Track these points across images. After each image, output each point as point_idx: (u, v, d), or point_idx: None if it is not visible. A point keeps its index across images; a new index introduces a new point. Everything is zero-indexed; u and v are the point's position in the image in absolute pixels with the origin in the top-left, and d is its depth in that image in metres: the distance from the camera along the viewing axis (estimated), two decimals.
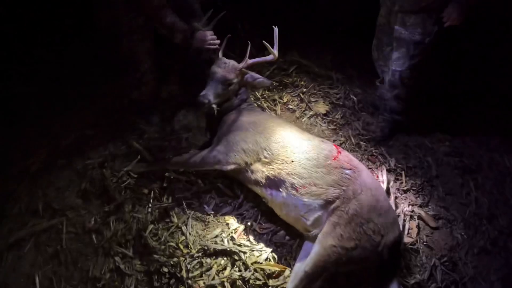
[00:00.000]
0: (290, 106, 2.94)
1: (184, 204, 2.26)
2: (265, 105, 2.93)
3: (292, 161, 2.04)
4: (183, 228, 2.16)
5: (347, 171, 2.01)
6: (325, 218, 1.94)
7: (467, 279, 2.15)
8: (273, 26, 2.35)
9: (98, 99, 2.95)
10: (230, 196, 2.33)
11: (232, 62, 2.36)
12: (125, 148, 2.56)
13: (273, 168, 2.08)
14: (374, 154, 2.66)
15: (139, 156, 2.45)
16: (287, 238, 2.13)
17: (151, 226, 2.15)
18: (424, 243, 2.25)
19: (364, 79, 3.32)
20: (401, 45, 2.54)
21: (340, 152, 2.10)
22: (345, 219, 1.89)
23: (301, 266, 1.87)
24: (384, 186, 2.42)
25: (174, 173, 2.38)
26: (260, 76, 2.42)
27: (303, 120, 2.85)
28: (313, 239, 1.96)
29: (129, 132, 2.69)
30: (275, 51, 2.31)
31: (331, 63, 3.42)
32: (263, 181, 2.10)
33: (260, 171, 2.12)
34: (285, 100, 2.98)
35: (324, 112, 2.91)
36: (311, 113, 2.90)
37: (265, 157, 2.12)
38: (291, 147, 2.10)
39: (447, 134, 2.84)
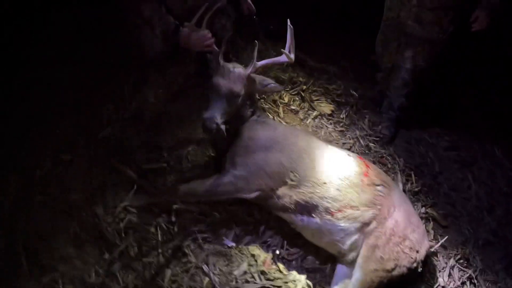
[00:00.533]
0: (292, 107, 2.80)
1: (200, 239, 1.96)
2: (265, 106, 2.76)
3: (325, 183, 1.91)
4: (204, 267, 1.86)
5: (379, 188, 1.97)
6: (362, 240, 1.90)
7: (478, 272, 2.28)
8: (288, 23, 2.01)
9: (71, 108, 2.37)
10: (250, 223, 2.08)
11: (237, 69, 1.97)
12: (114, 175, 2.11)
13: (303, 192, 1.90)
14: (384, 155, 2.67)
15: (135, 186, 2.05)
16: (317, 262, 2.03)
17: (168, 272, 1.83)
18: (440, 244, 2.33)
19: (359, 72, 3.28)
20: (414, 42, 2.48)
21: (368, 166, 2.05)
22: (384, 240, 1.87)
23: None
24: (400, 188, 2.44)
25: (183, 203, 2.04)
26: (270, 81, 2.10)
27: (308, 122, 2.74)
28: (347, 262, 1.92)
29: (112, 150, 2.22)
30: (292, 54, 2.04)
31: (324, 55, 3.31)
32: (292, 206, 1.93)
33: (288, 196, 1.92)
34: (286, 100, 2.84)
35: (329, 112, 2.83)
36: (315, 113, 2.80)
37: (292, 180, 1.92)
38: (320, 166, 1.95)
39: (443, 127, 2.91)
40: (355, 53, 3.43)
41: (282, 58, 2.06)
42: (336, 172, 1.94)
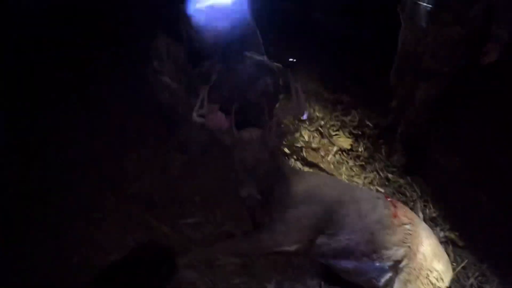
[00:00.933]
0: (313, 145, 3.01)
1: None
2: (287, 151, 2.92)
3: (360, 229, 2.13)
4: None
5: (407, 226, 2.19)
6: (395, 276, 2.12)
7: (494, 284, 2.50)
8: (295, 83, 2.18)
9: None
10: (289, 268, 2.20)
11: (254, 133, 2.10)
12: (150, 232, 2.20)
13: (340, 239, 2.08)
14: (402, 185, 2.89)
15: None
16: None
17: None
18: (460, 267, 2.55)
19: (370, 99, 3.48)
20: (428, 75, 2.65)
21: (395, 206, 2.27)
22: (414, 275, 2.11)
23: None
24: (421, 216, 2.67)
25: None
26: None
27: (329, 159, 2.96)
28: None
29: (144, 206, 2.33)
30: (305, 113, 2.26)
31: (332, 84, 3.50)
32: (331, 253, 2.10)
33: (326, 245, 2.10)
34: (306, 138, 3.05)
35: (348, 147, 3.05)
36: (335, 149, 3.03)
37: (329, 229, 2.10)
38: (355, 212, 2.15)
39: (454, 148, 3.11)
40: (365, 79, 3.64)
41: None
42: (369, 218, 2.16)
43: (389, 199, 2.33)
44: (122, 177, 2.48)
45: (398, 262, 2.13)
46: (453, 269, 2.42)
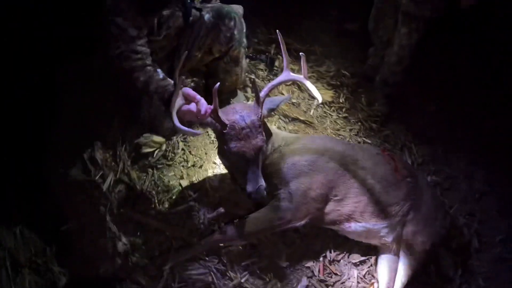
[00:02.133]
0: (293, 101, 2.80)
1: (257, 270, 1.98)
2: None
3: (367, 189, 2.02)
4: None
5: (409, 179, 2.14)
6: (402, 229, 2.10)
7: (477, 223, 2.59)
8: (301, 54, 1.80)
9: None
10: (297, 238, 2.11)
11: (248, 119, 1.72)
12: (142, 233, 1.97)
13: (348, 204, 1.99)
14: (387, 133, 2.83)
15: (172, 242, 1.96)
16: (362, 256, 2.16)
17: None
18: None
19: (341, 47, 3.30)
20: (409, 20, 2.55)
21: (394, 160, 2.19)
22: (421, 225, 2.09)
23: (394, 280, 2.05)
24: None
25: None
26: (278, 99, 1.96)
27: (312, 113, 2.77)
28: (391, 251, 2.11)
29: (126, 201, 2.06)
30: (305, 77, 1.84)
31: (305, 34, 3.26)
32: (341, 218, 2.01)
33: (335, 211, 2.00)
34: (285, 93, 2.82)
35: (329, 99, 2.88)
36: (316, 102, 2.83)
37: (337, 196, 1.99)
38: (359, 174, 2.03)
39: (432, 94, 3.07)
40: (334, 28, 3.44)
41: (284, 77, 1.87)
42: (373, 176, 2.06)
43: (386, 153, 2.25)
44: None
45: (405, 215, 2.09)
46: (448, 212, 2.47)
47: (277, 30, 1.81)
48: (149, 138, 2.27)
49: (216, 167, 2.30)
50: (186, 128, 1.69)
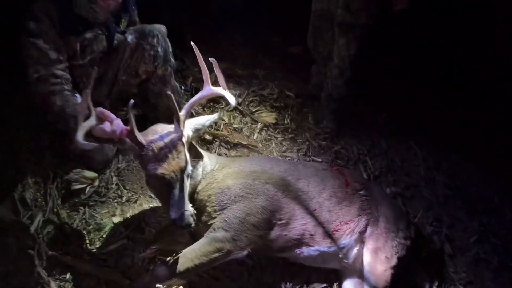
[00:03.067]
0: (235, 126, 2.64)
1: None
2: (208, 137, 2.51)
3: (314, 209, 1.82)
4: None
5: (362, 192, 1.96)
6: (362, 248, 1.88)
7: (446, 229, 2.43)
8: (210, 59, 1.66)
9: None
10: (244, 272, 1.89)
11: (167, 139, 1.54)
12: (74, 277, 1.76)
13: (296, 227, 1.78)
14: (338, 150, 2.68)
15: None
16: (323, 284, 1.95)
17: None
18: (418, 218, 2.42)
19: (285, 70, 3.24)
20: (346, 29, 2.51)
21: (343, 174, 2.02)
22: (382, 240, 1.88)
23: None
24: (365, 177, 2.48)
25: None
26: (205, 118, 1.75)
27: (255, 138, 2.61)
28: (354, 273, 1.89)
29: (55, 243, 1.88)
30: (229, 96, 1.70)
31: (247, 60, 3.18)
32: (289, 244, 1.79)
33: (281, 237, 1.76)
34: (226, 119, 2.66)
35: (273, 121, 2.73)
36: (259, 126, 2.69)
37: (281, 220, 1.77)
38: (303, 193, 1.83)
39: (381, 103, 3.00)
40: (275, 50, 3.38)
41: (206, 91, 1.69)
42: (320, 193, 1.86)
43: (335, 168, 2.07)
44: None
45: (363, 232, 1.88)
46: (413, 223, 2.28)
47: (191, 42, 1.67)
48: (80, 173, 2.12)
49: (154, 201, 2.10)
50: (86, 143, 1.51)
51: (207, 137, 2.52)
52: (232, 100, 1.69)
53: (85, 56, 2.00)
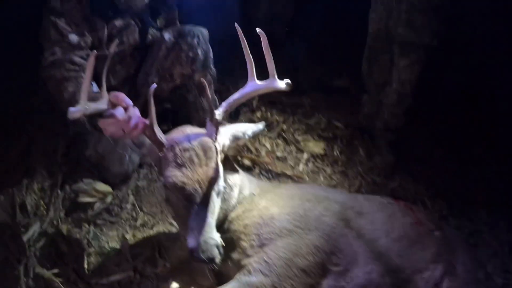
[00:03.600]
0: (278, 154, 2.43)
1: None
2: (246, 162, 2.31)
3: (382, 254, 1.50)
4: None
5: (437, 233, 1.66)
6: None
7: None
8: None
9: None
10: None
11: (196, 141, 1.28)
12: None
13: (358, 276, 1.43)
14: (394, 187, 2.40)
15: None
16: None
17: None
18: None
19: (331, 101, 3.05)
20: (408, 50, 2.29)
21: (412, 210, 1.73)
22: None
23: None
24: None
25: None
26: (248, 126, 1.50)
27: (301, 169, 2.38)
28: None
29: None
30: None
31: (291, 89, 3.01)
32: None
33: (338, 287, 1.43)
34: (268, 146, 2.46)
35: (322, 151, 2.50)
36: (305, 156, 2.47)
37: (338, 265, 1.44)
38: (368, 232, 1.53)
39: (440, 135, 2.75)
40: (320, 83, 3.26)
41: (251, 87, 1.41)
42: (388, 234, 1.56)
43: (402, 203, 1.79)
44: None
45: (439, 284, 1.55)
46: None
47: (235, 23, 1.42)
48: (91, 185, 1.90)
49: (175, 229, 1.82)
50: (76, 109, 1.28)
51: (246, 162, 2.32)
52: (283, 84, 1.45)
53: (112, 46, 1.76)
